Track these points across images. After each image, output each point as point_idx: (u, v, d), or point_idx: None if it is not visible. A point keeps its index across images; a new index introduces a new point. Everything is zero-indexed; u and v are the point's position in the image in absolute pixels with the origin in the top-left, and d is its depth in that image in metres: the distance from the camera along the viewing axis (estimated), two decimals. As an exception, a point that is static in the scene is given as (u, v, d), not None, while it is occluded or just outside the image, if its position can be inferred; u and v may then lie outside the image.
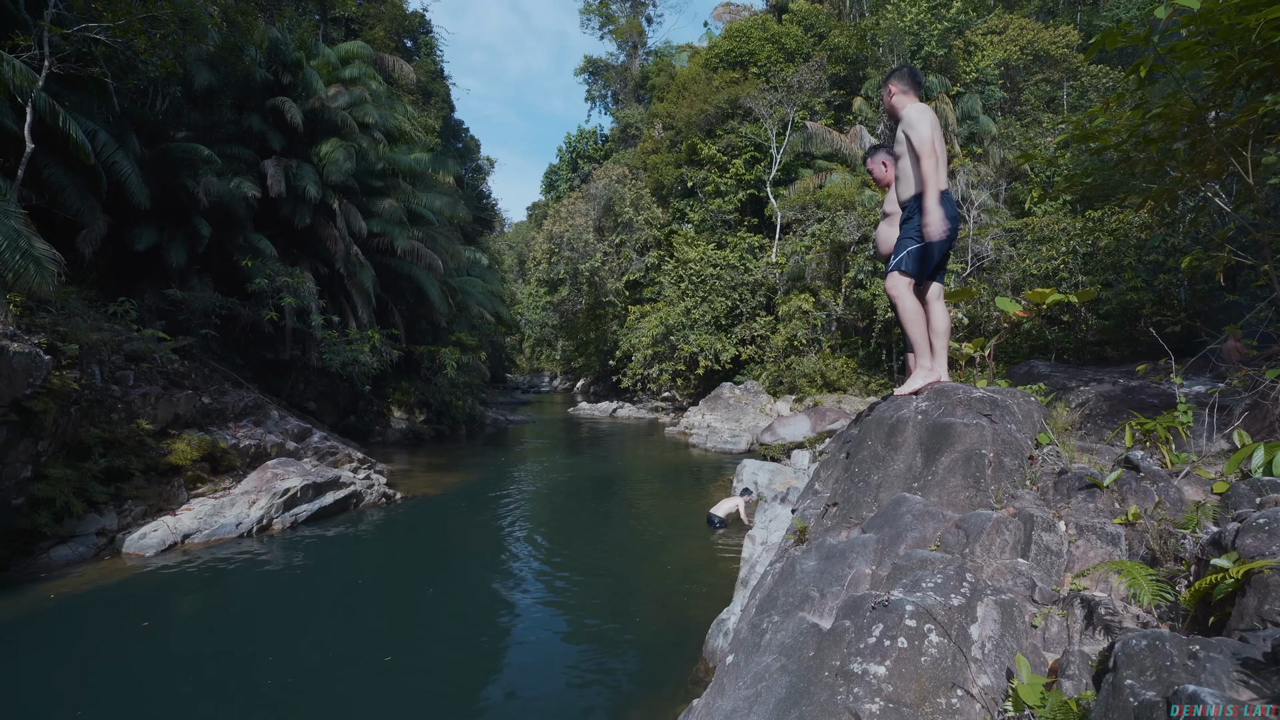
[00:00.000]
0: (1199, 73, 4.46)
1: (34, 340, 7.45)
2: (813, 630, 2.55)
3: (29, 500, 7.07)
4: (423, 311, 20.14)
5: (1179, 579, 2.19)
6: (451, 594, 6.89)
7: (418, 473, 13.37)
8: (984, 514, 2.72)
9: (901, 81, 3.83)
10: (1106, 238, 14.54)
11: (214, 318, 12.97)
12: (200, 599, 6.51)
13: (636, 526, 9.62)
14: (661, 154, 32.35)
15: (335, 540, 8.53)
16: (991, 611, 2.23)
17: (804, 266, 24.00)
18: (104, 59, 10.59)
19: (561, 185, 47.64)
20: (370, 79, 18.53)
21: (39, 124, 9.38)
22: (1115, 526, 2.57)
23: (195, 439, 9.24)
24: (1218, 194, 5.50)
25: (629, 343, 27.65)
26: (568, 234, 31.58)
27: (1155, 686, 1.46)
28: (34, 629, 5.64)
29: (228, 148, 14.42)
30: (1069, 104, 25.42)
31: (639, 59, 47.55)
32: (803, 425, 16.09)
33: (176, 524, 8.09)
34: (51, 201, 10.60)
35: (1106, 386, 7.92)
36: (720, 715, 2.54)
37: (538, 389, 50.70)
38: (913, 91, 3.83)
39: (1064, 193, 6.21)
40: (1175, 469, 3.01)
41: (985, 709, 1.99)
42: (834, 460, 4.14)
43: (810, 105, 28.83)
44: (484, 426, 21.82)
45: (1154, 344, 11.13)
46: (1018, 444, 3.24)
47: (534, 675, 5.15)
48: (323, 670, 5.07)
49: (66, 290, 9.46)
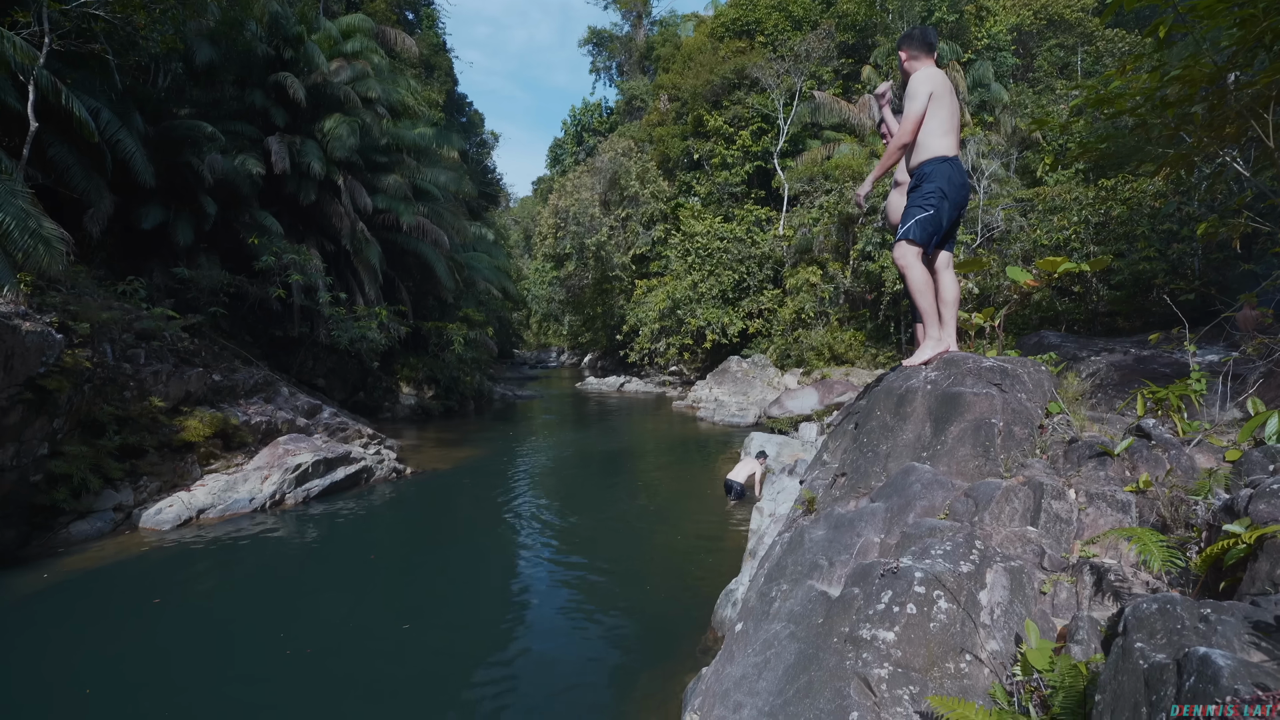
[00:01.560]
0: (1220, 33, 4.34)
1: (45, 319, 7.49)
2: (822, 598, 2.57)
3: (47, 477, 7.18)
4: (430, 287, 20.14)
5: (1190, 545, 2.18)
6: (463, 566, 6.99)
7: (427, 448, 13.47)
8: (993, 482, 2.72)
9: (911, 46, 3.75)
10: (1119, 207, 14.31)
11: (222, 295, 13.02)
12: (217, 572, 6.62)
13: (644, 499, 9.69)
14: (667, 126, 31.97)
15: (347, 514, 8.63)
16: (1001, 578, 2.24)
17: (812, 239, 23.79)
18: (104, 35, 10.49)
19: (567, 159, 47.29)
20: (372, 53, 18.33)
21: (42, 102, 9.33)
22: (1126, 494, 2.56)
23: (207, 416, 9.32)
24: (1236, 159, 5.39)
25: (636, 317, 27.60)
26: (573, 208, 31.36)
27: (1165, 649, 1.47)
28: (56, 602, 5.76)
29: (231, 124, 14.33)
30: (1083, 70, 24.89)
31: (644, 29, 46.81)
32: (810, 398, 16.08)
33: (191, 499, 8.20)
34: (57, 181, 10.60)
35: (1118, 356, 7.85)
36: (730, 681, 2.57)
37: (545, 364, 50.80)
38: (924, 55, 3.74)
39: (1077, 160, 6.11)
40: (1187, 437, 2.99)
41: (993, 673, 2.00)
42: (842, 431, 4.13)
43: (818, 74, 28.35)
44: (492, 402, 21.91)
45: (1166, 314, 11.00)
46: (1028, 413, 3.22)
47: (546, 645, 5.23)
48: (341, 639, 5.17)
49: (75, 269, 9.49)
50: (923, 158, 3.66)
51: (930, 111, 3.59)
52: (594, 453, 13.68)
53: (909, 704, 1.96)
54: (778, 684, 2.32)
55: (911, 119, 3.57)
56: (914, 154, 3.72)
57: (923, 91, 3.56)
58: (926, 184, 3.63)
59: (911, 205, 3.69)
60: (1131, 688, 1.45)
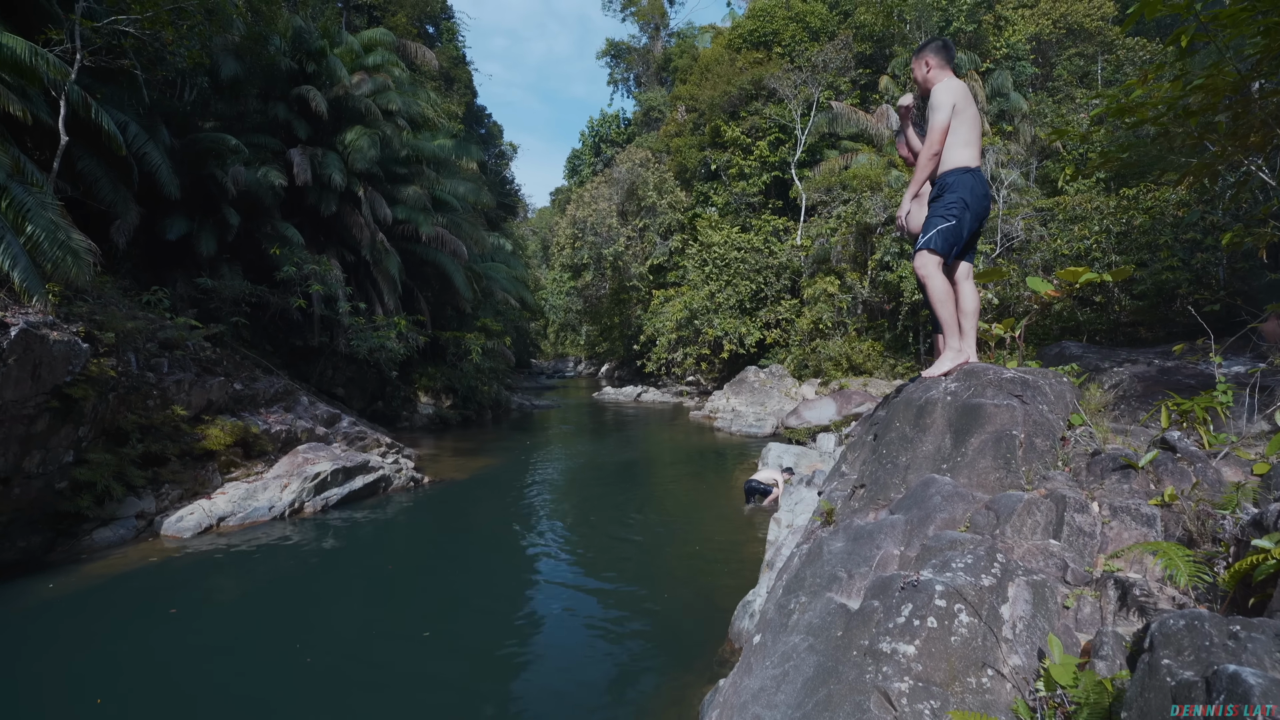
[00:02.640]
0: (1243, 41, 4.29)
1: (72, 329, 7.64)
2: (841, 610, 2.55)
3: (71, 484, 7.30)
4: (448, 297, 20.30)
5: (1217, 561, 2.14)
6: (480, 576, 7.00)
7: (445, 457, 13.54)
8: (1015, 495, 2.68)
9: (938, 55, 3.75)
10: (1141, 216, 14.13)
11: (244, 305, 13.22)
12: (237, 579, 6.69)
13: (661, 510, 9.66)
14: (684, 137, 32.10)
15: (365, 523, 8.69)
16: (1023, 592, 2.21)
17: (829, 249, 23.71)
18: (133, 51, 10.75)
19: (584, 170, 47.57)
20: (393, 66, 18.60)
21: (72, 117, 9.57)
22: (1150, 508, 2.52)
23: (228, 424, 9.44)
24: (1260, 168, 5.32)
25: (653, 327, 27.62)
26: (591, 219, 31.55)
27: (1193, 666, 1.44)
28: (78, 607, 5.85)
29: (254, 137, 14.62)
30: (1103, 79, 24.67)
31: (661, 41, 47.11)
32: (828, 409, 15.99)
33: (212, 507, 8.30)
34: (86, 193, 10.84)
35: (1141, 367, 7.73)
36: (748, 694, 2.55)
37: (562, 374, 50.97)
38: (944, 66, 3.76)
39: (1098, 169, 6.05)
40: (1213, 450, 2.93)
41: (1016, 688, 1.97)
42: (861, 443, 4.11)
43: (835, 85, 28.35)
44: (510, 411, 22.00)
45: (1190, 325, 10.83)
46: (1049, 425, 3.19)
47: (562, 655, 5.22)
48: (359, 646, 5.19)
49: (102, 280, 9.69)
50: (945, 168, 3.68)
51: (953, 123, 3.61)
52: (610, 462, 13.68)
53: (930, 718, 1.93)
54: (796, 697, 2.30)
55: (939, 129, 3.59)
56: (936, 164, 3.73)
57: (947, 102, 3.59)
58: (949, 194, 3.63)
59: (933, 215, 3.69)
60: (1158, 705, 1.43)
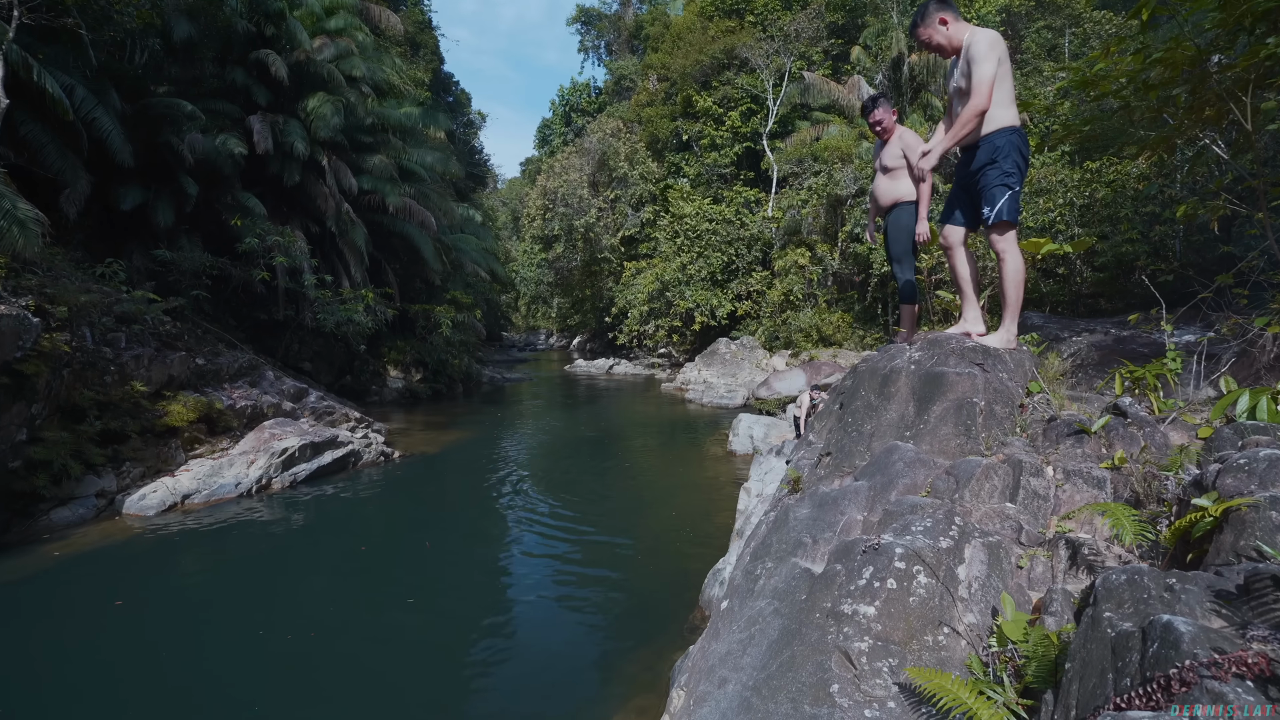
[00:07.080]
0: (1202, 16, 4.36)
1: (21, 303, 7.38)
2: (805, 575, 2.61)
3: (26, 463, 7.10)
4: (417, 270, 19.99)
5: (1161, 519, 2.23)
6: (452, 549, 7.02)
7: (415, 431, 13.46)
8: (974, 460, 2.76)
9: (948, 10, 3.50)
10: (1104, 189, 14.41)
11: (205, 278, 12.85)
12: (206, 557, 6.61)
13: (633, 481, 9.75)
14: (656, 107, 31.72)
15: (335, 498, 8.63)
16: (979, 553, 2.28)
17: (800, 221, 23.79)
18: (77, 9, 10.23)
19: (555, 140, 46.89)
20: (356, 30, 18.01)
21: (12, 79, 9.11)
22: (1101, 471, 2.61)
23: (191, 400, 9.25)
24: (1216, 142, 5.44)
25: (625, 299, 27.54)
26: (562, 190, 31.14)
27: (1132, 618, 1.51)
28: (39, 589, 5.74)
29: (211, 103, 14.09)
30: (1071, 52, 24.86)
31: (633, 7, 46.23)
32: (798, 379, 16.17)
33: (175, 485, 8.16)
34: (31, 160, 10.38)
35: (1098, 336, 7.96)
36: (715, 657, 2.61)
37: (534, 347, 50.72)
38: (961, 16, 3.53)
39: (1062, 141, 6.13)
40: (1162, 415, 3.04)
41: (970, 645, 2.05)
42: (828, 411, 4.18)
43: (808, 55, 28.19)
44: (481, 385, 21.87)
45: (1147, 296, 11.14)
46: (1009, 392, 3.27)
47: (537, 626, 5.29)
48: (329, 623, 5.19)
49: (51, 251, 9.34)
50: (992, 127, 3.43)
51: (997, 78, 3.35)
52: (583, 435, 13.72)
53: (888, 675, 2.01)
54: (761, 658, 2.37)
55: (986, 82, 3.31)
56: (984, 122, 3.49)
57: (992, 54, 3.31)
58: (1003, 159, 3.41)
59: (996, 184, 3.45)
60: (1099, 655, 1.50)
